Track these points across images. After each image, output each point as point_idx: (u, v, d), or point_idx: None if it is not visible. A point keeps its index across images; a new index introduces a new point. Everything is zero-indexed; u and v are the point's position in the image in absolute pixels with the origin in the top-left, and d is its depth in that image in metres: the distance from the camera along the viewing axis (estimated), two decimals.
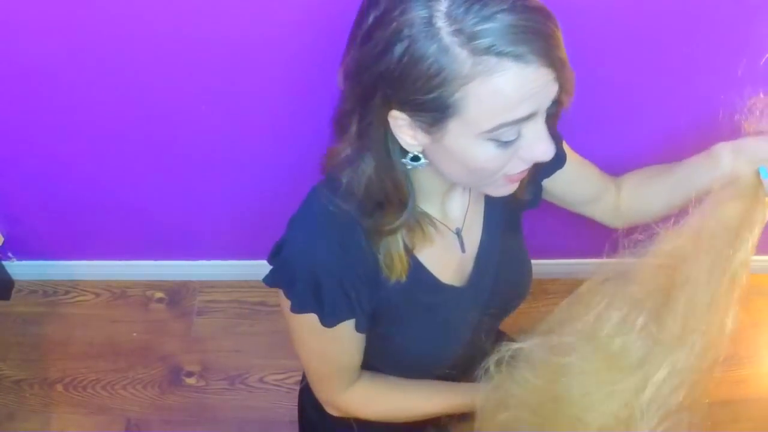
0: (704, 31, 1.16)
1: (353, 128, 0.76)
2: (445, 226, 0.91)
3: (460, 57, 0.66)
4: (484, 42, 0.65)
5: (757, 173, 0.85)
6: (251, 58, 1.20)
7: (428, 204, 0.88)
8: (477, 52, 0.65)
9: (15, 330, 1.82)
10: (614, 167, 1.10)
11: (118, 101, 1.31)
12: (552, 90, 0.70)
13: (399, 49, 0.67)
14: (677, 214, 0.86)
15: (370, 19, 0.69)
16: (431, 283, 0.91)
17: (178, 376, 1.75)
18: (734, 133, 0.90)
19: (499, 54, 0.65)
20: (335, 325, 0.87)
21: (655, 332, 0.82)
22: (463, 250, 0.94)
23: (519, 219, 1.02)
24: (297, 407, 1.26)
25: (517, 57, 0.65)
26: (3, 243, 1.76)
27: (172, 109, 1.33)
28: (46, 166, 1.50)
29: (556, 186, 1.02)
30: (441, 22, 0.66)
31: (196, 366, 1.77)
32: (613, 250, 0.86)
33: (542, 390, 0.86)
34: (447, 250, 0.93)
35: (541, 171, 0.96)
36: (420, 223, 0.85)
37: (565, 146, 1.01)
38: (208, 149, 1.44)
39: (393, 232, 0.83)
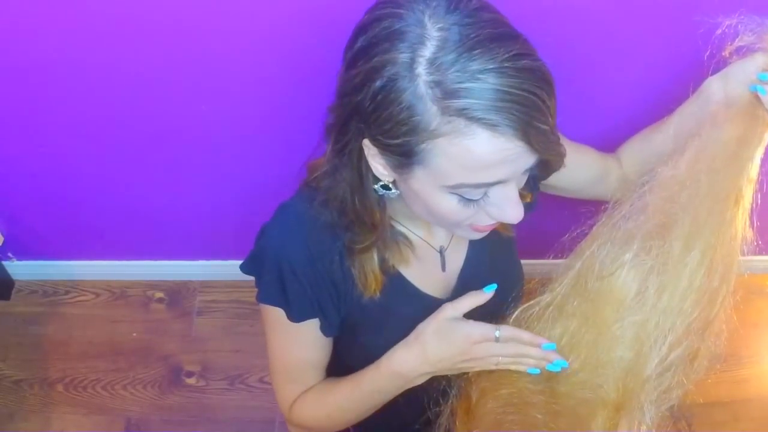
0: None
1: (331, 145, 0.76)
2: (429, 244, 0.90)
3: (431, 111, 0.64)
4: (459, 103, 0.62)
5: (750, 92, 0.83)
6: (251, 58, 1.20)
7: (413, 223, 0.87)
8: (448, 111, 0.63)
9: (15, 330, 1.81)
10: (611, 140, 1.06)
11: (118, 101, 1.31)
12: (526, 160, 0.68)
13: (376, 85, 0.65)
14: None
15: (358, 43, 0.68)
16: (411, 293, 0.90)
17: (178, 376, 1.75)
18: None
19: (471, 119, 0.63)
20: (299, 322, 0.87)
21: (648, 260, 0.80)
22: (444, 269, 0.93)
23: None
24: None
25: (489, 126, 0.63)
26: (3, 243, 1.75)
27: (173, 108, 1.33)
28: (45, 166, 1.50)
29: (557, 181, 1.00)
30: (421, 68, 0.63)
31: (196, 366, 1.77)
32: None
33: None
34: (428, 267, 0.92)
35: (536, 175, 0.94)
36: (398, 243, 0.85)
37: (563, 139, 0.99)
38: (209, 149, 1.44)
39: (364, 251, 0.82)
